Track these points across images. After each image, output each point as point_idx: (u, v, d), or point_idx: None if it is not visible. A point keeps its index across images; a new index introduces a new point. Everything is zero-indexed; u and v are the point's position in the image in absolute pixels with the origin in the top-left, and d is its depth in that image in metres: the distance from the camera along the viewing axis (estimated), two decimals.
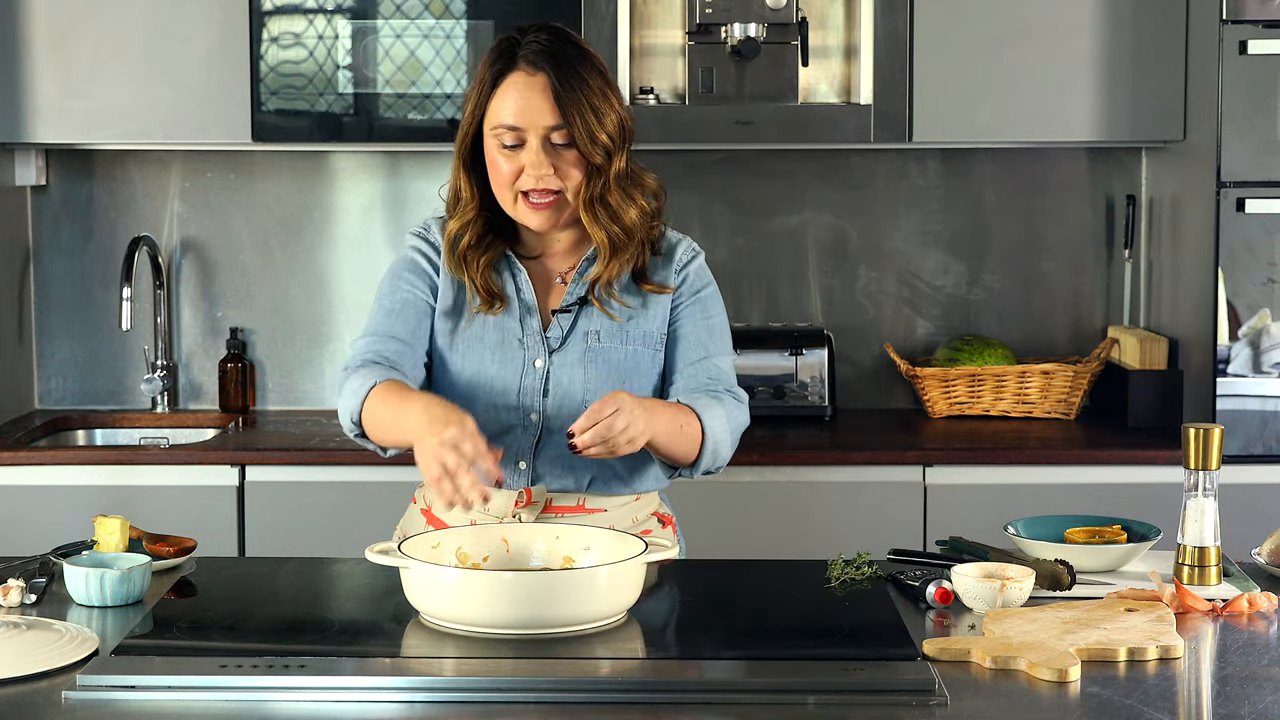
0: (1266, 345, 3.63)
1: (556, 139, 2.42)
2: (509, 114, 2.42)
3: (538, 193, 2.44)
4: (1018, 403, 4.00)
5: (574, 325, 2.52)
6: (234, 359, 4.16)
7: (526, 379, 2.49)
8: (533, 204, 2.45)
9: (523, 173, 2.43)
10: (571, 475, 2.50)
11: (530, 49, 2.42)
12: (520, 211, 2.46)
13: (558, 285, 2.55)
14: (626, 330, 2.52)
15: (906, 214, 4.22)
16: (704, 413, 2.45)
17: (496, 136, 2.43)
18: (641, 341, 2.52)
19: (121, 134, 3.88)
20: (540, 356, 2.50)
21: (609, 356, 2.51)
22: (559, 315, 2.52)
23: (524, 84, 2.42)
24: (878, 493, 3.64)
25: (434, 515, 2.56)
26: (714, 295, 2.59)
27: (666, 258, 2.56)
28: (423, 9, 3.81)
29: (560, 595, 2.10)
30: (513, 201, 2.46)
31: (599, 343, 2.51)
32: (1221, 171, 3.61)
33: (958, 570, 2.28)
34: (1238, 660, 2.09)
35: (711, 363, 2.54)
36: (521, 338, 2.51)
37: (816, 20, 3.92)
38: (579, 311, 2.52)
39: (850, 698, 1.91)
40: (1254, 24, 3.58)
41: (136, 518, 2.70)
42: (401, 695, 1.92)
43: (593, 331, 2.51)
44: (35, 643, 2.07)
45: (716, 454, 2.47)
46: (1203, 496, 2.38)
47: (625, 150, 2.46)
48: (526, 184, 2.43)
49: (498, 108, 2.43)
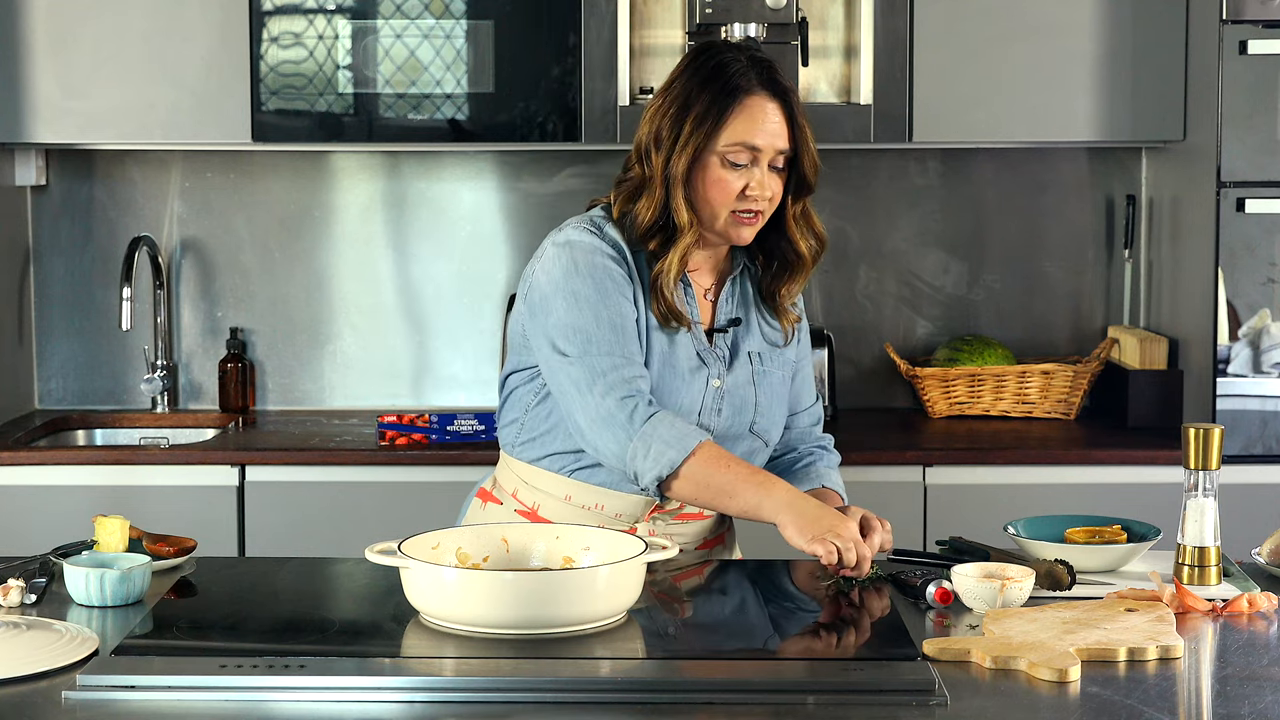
0: (1266, 345, 3.63)
1: (778, 163, 2.50)
2: (752, 135, 2.47)
3: (752, 210, 2.50)
4: (1018, 403, 4.00)
5: (735, 345, 2.57)
6: (234, 359, 4.16)
7: (707, 397, 2.54)
8: (745, 219, 2.50)
9: (745, 190, 2.48)
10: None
11: (763, 74, 2.49)
12: (729, 224, 2.50)
13: (707, 302, 2.59)
14: (777, 353, 2.61)
15: (906, 214, 4.22)
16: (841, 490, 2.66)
17: (731, 155, 2.47)
18: (786, 367, 2.62)
19: (121, 134, 3.88)
20: (719, 375, 2.54)
21: (770, 379, 2.59)
22: (718, 334, 2.57)
23: (765, 108, 2.48)
24: (878, 493, 3.63)
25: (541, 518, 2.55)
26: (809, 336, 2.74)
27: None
28: (423, 9, 3.81)
29: (560, 595, 2.10)
30: (726, 217, 2.50)
31: (761, 364, 2.59)
32: (1221, 171, 3.61)
33: (958, 570, 2.28)
34: (1238, 660, 2.08)
35: (816, 408, 2.73)
36: (703, 355, 2.54)
37: (816, 20, 3.92)
38: (736, 332, 2.58)
39: (850, 698, 1.91)
40: (1254, 24, 3.58)
41: (136, 518, 2.70)
42: (401, 695, 1.92)
43: (755, 353, 2.58)
44: (35, 643, 2.07)
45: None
46: (1203, 496, 2.38)
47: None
48: (748, 204, 2.49)
49: (738, 128, 2.47)
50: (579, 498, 2.53)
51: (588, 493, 2.53)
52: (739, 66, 2.49)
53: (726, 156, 2.47)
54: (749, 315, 2.59)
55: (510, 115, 3.83)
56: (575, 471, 2.53)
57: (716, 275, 2.60)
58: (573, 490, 2.54)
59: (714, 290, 2.59)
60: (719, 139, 2.47)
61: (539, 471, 2.56)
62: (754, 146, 2.47)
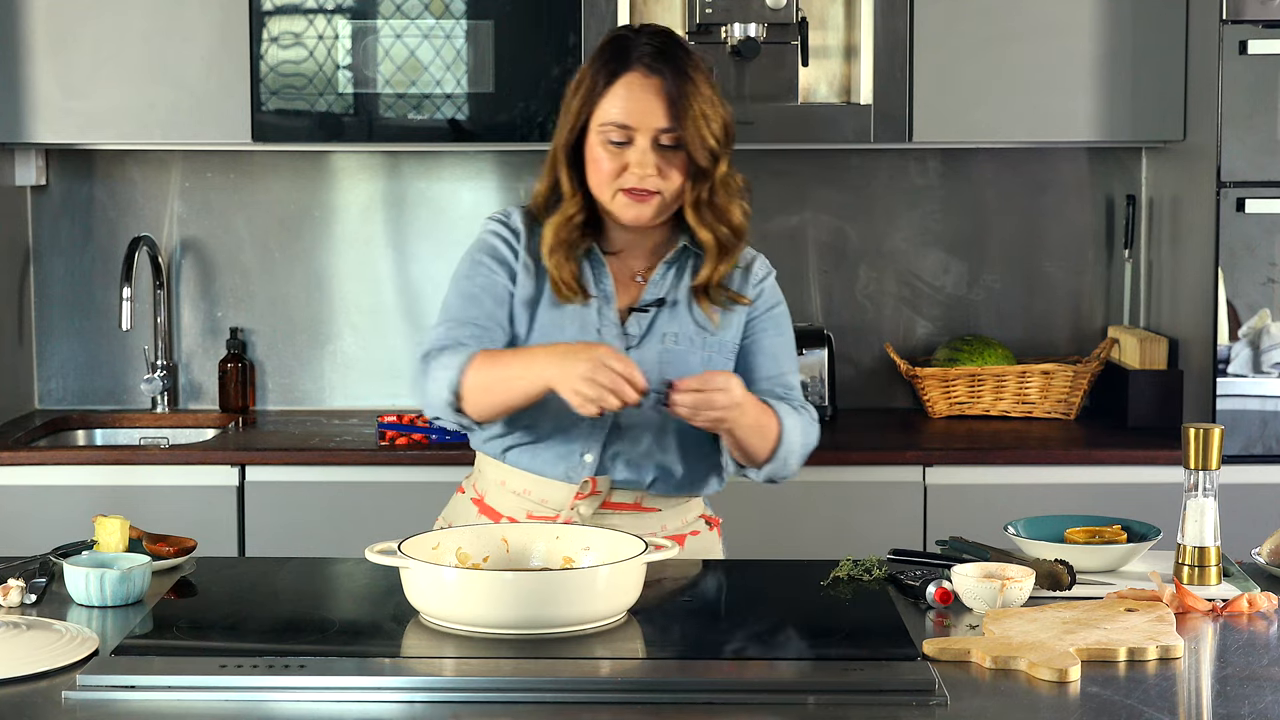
0: (1266, 345, 3.63)
1: (665, 141, 2.45)
2: (622, 112, 2.45)
3: (639, 189, 2.46)
4: (1018, 403, 4.00)
5: (652, 325, 2.54)
6: (234, 359, 4.16)
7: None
8: (634, 197, 2.47)
9: (626, 170, 2.46)
10: (636, 473, 2.53)
11: (646, 50, 2.46)
12: (617, 205, 2.48)
13: (635, 283, 2.57)
14: (705, 336, 2.55)
15: (906, 214, 4.22)
16: (785, 418, 2.50)
17: (605, 133, 2.46)
18: (718, 349, 2.56)
19: (121, 134, 3.88)
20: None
21: (686, 360, 2.53)
22: (636, 314, 2.54)
23: (640, 85, 2.45)
24: (878, 493, 3.64)
25: (485, 504, 2.58)
26: (786, 314, 2.65)
27: (745, 271, 2.61)
28: (423, 9, 3.81)
29: (560, 595, 2.10)
30: (610, 197, 2.48)
31: (676, 345, 2.53)
32: (1221, 171, 3.61)
33: (958, 570, 2.28)
34: (1238, 660, 2.08)
35: (787, 379, 2.60)
36: (600, 330, 2.52)
37: (816, 20, 3.92)
38: (657, 313, 2.54)
39: (850, 698, 1.91)
40: (1254, 24, 3.58)
41: (136, 518, 2.70)
42: (401, 695, 1.92)
43: (671, 334, 2.54)
44: (35, 643, 2.07)
45: (786, 461, 2.52)
46: (1203, 496, 2.38)
47: (729, 153, 2.51)
48: (629, 182, 2.46)
49: (610, 105, 2.46)
50: (511, 483, 2.55)
51: (518, 477, 2.55)
52: (628, 45, 2.47)
53: (603, 134, 2.46)
54: (681, 297, 2.56)
55: (510, 115, 3.83)
56: (506, 452, 2.55)
57: (653, 257, 2.58)
58: (506, 475, 2.56)
59: (646, 273, 2.57)
60: (596, 117, 2.47)
61: (484, 458, 2.60)
62: (624, 125, 2.44)
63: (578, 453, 2.52)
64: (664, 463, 2.53)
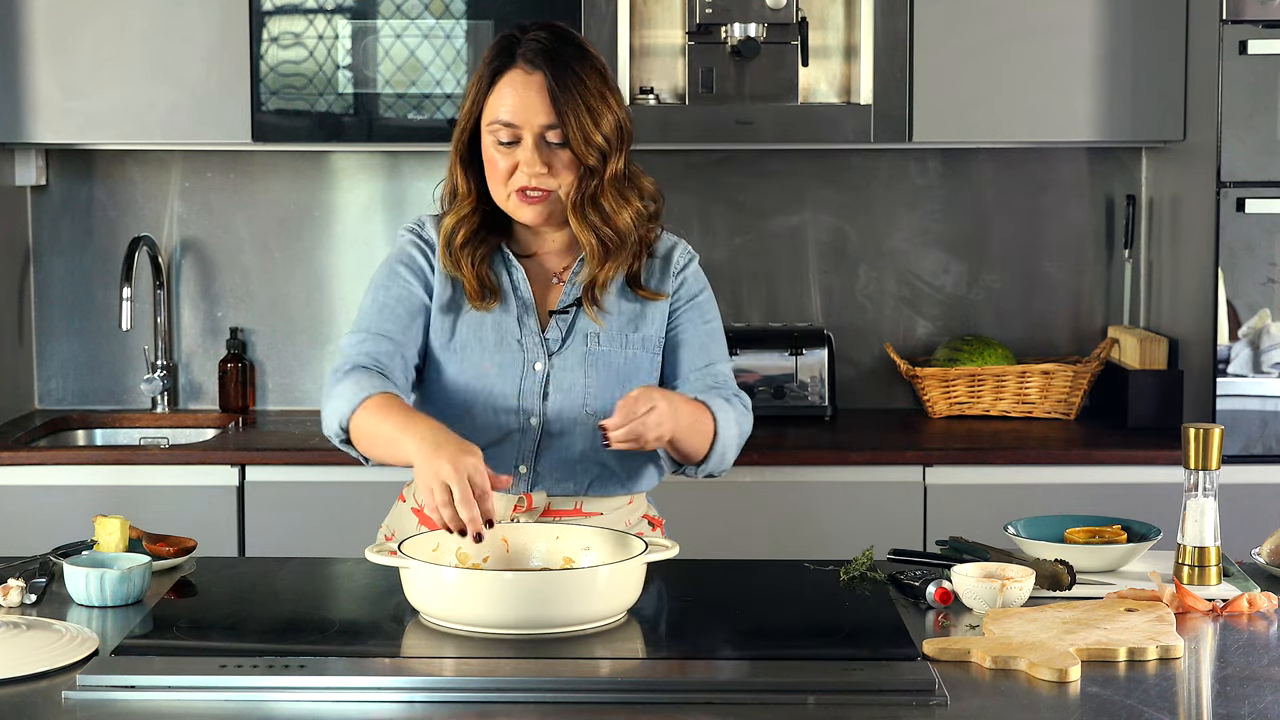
0: (1266, 345, 3.63)
1: (552, 138, 2.42)
2: (505, 111, 2.42)
3: (531, 189, 2.43)
4: (1018, 403, 4.00)
5: (572, 327, 2.50)
6: (234, 359, 4.16)
7: (526, 382, 2.48)
8: (526, 198, 2.44)
9: (517, 170, 2.43)
10: (571, 479, 2.50)
11: (529, 47, 2.42)
12: (513, 206, 2.46)
13: (554, 285, 2.54)
14: (626, 334, 2.51)
15: (906, 214, 4.22)
16: (718, 412, 2.45)
17: (493, 133, 2.43)
18: (641, 345, 2.51)
19: (121, 134, 3.88)
20: (540, 359, 2.49)
21: (609, 360, 2.49)
22: (556, 316, 2.51)
23: (521, 82, 2.41)
24: (878, 493, 3.64)
25: (426, 515, 2.55)
26: (711, 299, 2.59)
27: (664, 261, 2.56)
28: (423, 9, 3.81)
29: (560, 595, 2.10)
30: (506, 197, 2.46)
31: (599, 345, 2.49)
32: (1221, 171, 3.61)
33: (958, 570, 2.28)
34: (1238, 660, 2.09)
35: (716, 369, 2.54)
36: (520, 338, 2.49)
37: (816, 20, 3.92)
38: (577, 313, 2.50)
39: (850, 698, 1.91)
40: (1254, 24, 3.58)
41: (136, 518, 2.70)
42: (401, 695, 1.92)
43: (592, 334, 2.50)
44: (35, 643, 2.07)
45: (724, 455, 2.47)
46: (1203, 496, 2.38)
47: (623, 152, 2.45)
48: (520, 181, 2.43)
49: (495, 104, 2.43)
50: None
51: None
52: (514, 43, 2.44)
53: (492, 134, 2.43)
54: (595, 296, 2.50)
55: None
56: None
57: (570, 256, 2.54)
58: None
59: (564, 273, 2.54)
60: (484, 116, 2.45)
61: None
62: (509, 123, 2.41)
63: (512, 463, 2.48)
64: (600, 460, 2.49)
